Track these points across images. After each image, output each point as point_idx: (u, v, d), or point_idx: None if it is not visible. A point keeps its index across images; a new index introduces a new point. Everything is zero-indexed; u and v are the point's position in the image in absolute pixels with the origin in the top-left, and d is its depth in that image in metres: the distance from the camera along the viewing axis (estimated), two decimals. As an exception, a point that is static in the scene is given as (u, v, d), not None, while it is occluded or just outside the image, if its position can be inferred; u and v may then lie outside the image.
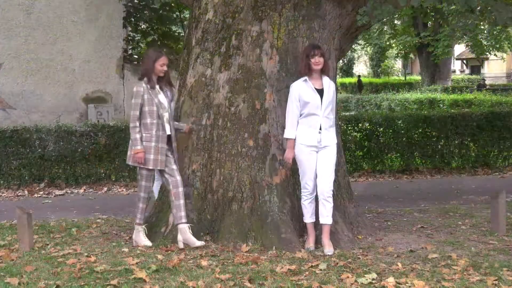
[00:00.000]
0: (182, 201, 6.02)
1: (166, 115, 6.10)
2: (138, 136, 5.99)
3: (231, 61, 6.37)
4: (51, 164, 10.63)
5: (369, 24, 6.80)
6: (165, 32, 18.11)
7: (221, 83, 6.39)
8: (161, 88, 6.15)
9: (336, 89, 6.21)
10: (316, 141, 5.83)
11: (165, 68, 6.11)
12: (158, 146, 6.01)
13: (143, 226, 6.19)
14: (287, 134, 5.94)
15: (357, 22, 6.47)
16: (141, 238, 6.14)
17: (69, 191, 10.30)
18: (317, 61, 5.85)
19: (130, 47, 18.06)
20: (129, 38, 17.90)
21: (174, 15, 18.42)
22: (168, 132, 6.12)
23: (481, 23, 20.91)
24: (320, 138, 5.83)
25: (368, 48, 45.33)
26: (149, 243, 6.06)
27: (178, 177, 6.06)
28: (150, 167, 6.05)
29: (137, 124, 6.02)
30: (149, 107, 6.01)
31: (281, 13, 6.37)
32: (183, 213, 6.00)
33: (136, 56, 17.72)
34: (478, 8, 6.85)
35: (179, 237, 5.97)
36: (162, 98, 6.11)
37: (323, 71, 5.94)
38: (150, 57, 6.15)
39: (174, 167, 6.10)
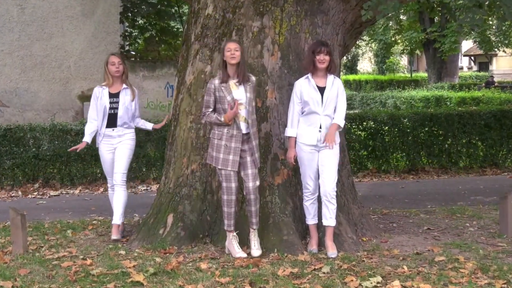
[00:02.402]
0: (253, 208, 5.82)
1: (242, 113, 5.74)
2: (213, 114, 5.73)
3: (232, 57, 6.36)
4: (45, 163, 10.63)
5: (373, 19, 6.79)
6: (163, 27, 18.13)
7: (221, 80, 6.37)
8: (240, 81, 5.76)
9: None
10: (316, 140, 5.83)
11: (232, 53, 5.68)
12: (230, 145, 5.71)
13: (234, 234, 5.83)
14: (288, 132, 5.95)
15: (361, 17, 6.46)
16: (234, 247, 5.79)
17: (64, 192, 10.30)
18: (322, 59, 5.83)
19: (127, 43, 18.08)
20: (126, 33, 17.92)
21: (173, 10, 18.44)
22: (244, 131, 5.76)
23: (490, 18, 20.92)
24: (320, 137, 5.82)
25: (373, 44, 45.26)
26: (243, 255, 5.70)
27: (251, 183, 5.75)
28: (219, 167, 5.73)
29: (207, 112, 5.77)
30: (221, 105, 5.72)
31: (283, 8, 6.37)
32: (254, 220, 5.84)
33: (133, 52, 17.74)
34: (486, 3, 6.84)
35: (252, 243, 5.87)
36: (238, 93, 5.72)
37: (329, 70, 5.92)
38: (222, 47, 5.87)
39: (250, 171, 5.77)
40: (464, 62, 52.35)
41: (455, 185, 10.30)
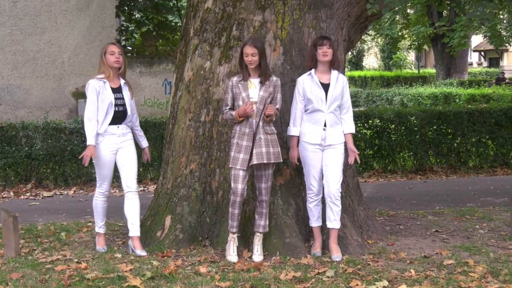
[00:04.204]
0: (264, 210, 5.85)
1: (254, 110, 5.73)
2: (229, 112, 5.79)
3: (232, 53, 6.36)
4: (38, 163, 10.63)
5: (380, 13, 6.79)
6: (161, 21, 18.15)
7: (221, 77, 6.38)
8: (261, 81, 5.77)
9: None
10: (320, 139, 5.82)
11: (250, 60, 5.68)
12: (241, 143, 5.71)
13: (234, 236, 5.85)
14: (291, 131, 5.95)
15: (367, 11, 6.46)
16: (229, 249, 5.83)
17: (58, 193, 10.30)
18: (325, 51, 5.81)
19: (124, 38, 18.11)
20: (123, 28, 17.95)
21: (171, 4, 18.45)
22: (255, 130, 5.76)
23: (500, 12, 20.90)
24: (325, 135, 5.82)
25: (379, 39, 45.29)
26: (233, 259, 5.70)
27: (263, 185, 5.80)
28: (230, 165, 5.80)
29: (225, 110, 5.85)
30: (236, 102, 5.78)
31: (286, 2, 6.36)
32: (262, 222, 5.88)
33: (130, 48, 17.76)
34: (497, -4, 6.84)
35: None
36: (253, 92, 5.76)
37: (333, 64, 5.91)
38: (241, 46, 5.88)
39: (263, 172, 5.79)
40: (473, 57, 52.33)
41: (464, 186, 10.30)
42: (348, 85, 6.05)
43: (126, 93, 6.17)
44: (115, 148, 6.10)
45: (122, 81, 6.19)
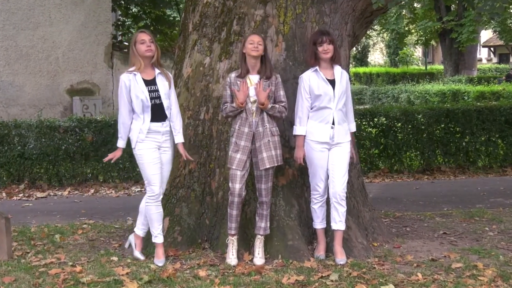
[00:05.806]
0: (265, 212, 5.87)
1: (254, 109, 5.73)
2: (228, 105, 5.77)
3: (232, 48, 6.36)
4: (31, 163, 10.63)
5: (385, 7, 6.79)
6: (158, 16, 18.14)
7: (221, 73, 6.38)
8: (264, 76, 5.74)
9: (350, 79, 6.19)
10: (328, 137, 5.81)
11: (255, 46, 5.63)
12: (239, 143, 5.70)
13: (233, 238, 5.84)
14: (297, 130, 5.91)
15: (372, 5, 6.45)
16: (228, 252, 5.83)
17: (52, 193, 10.30)
18: (325, 49, 5.82)
19: (120, 33, 18.10)
20: (119, 23, 17.94)
21: (169, -2, 18.43)
22: (254, 129, 5.74)
23: (511, 6, 20.88)
24: (333, 133, 5.81)
25: (385, 35, 45.27)
26: (233, 262, 5.69)
27: (263, 185, 5.78)
28: (228, 165, 5.81)
29: (223, 107, 5.83)
30: (235, 100, 5.73)
31: (288, -5, 6.36)
32: (262, 224, 5.88)
33: (126, 43, 17.74)
34: (508, -11, 6.83)
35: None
36: (253, 90, 5.70)
37: (334, 60, 5.91)
38: (243, 39, 5.86)
39: (262, 173, 5.77)
40: (483, 53, 52.28)
41: (473, 186, 10.29)
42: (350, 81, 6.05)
43: (162, 84, 5.81)
44: (158, 145, 5.80)
45: (157, 71, 5.84)
